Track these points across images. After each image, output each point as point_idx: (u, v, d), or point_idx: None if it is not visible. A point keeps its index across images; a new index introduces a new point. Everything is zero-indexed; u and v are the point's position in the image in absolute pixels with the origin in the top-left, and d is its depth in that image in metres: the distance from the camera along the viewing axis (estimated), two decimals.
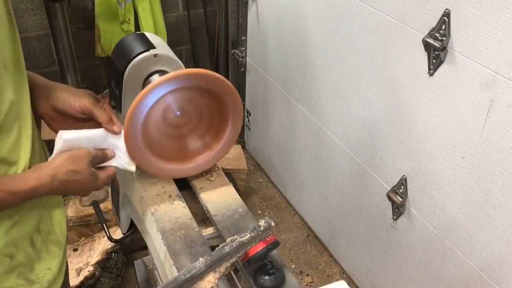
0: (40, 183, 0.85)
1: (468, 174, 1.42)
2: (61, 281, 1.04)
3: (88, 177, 0.92)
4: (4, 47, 0.83)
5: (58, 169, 0.88)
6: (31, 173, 0.86)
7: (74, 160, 0.90)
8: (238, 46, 2.64)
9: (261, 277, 0.94)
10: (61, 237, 1.04)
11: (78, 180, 0.90)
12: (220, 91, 1.04)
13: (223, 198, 1.13)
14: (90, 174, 0.92)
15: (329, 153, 2.08)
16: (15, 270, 0.91)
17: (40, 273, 0.96)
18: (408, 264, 1.78)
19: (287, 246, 2.36)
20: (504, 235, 1.37)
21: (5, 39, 0.84)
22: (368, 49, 1.67)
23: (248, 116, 2.79)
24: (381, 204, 1.83)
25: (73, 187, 0.91)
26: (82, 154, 0.92)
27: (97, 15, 2.32)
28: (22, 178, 0.84)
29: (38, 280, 0.95)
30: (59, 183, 0.87)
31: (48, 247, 0.99)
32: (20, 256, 0.91)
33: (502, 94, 1.25)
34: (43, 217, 0.98)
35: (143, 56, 1.11)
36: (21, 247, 0.91)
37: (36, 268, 0.96)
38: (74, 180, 0.89)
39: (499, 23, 1.21)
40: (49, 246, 1.00)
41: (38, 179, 0.85)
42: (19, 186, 0.83)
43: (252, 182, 2.74)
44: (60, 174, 0.87)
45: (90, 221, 2.09)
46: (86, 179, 0.92)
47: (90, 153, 0.93)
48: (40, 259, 0.97)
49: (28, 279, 0.94)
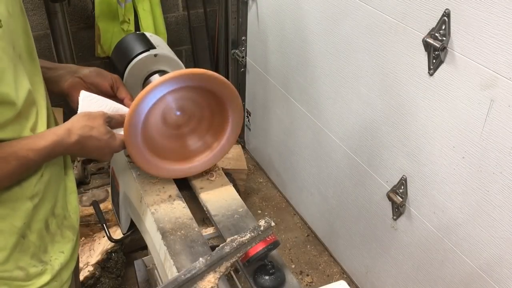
0: (58, 137, 0.89)
1: (468, 174, 1.42)
2: (73, 266, 1.06)
3: (104, 133, 0.95)
4: (19, 37, 0.86)
5: (74, 124, 0.92)
6: (48, 131, 0.90)
7: (90, 117, 0.94)
8: (238, 46, 2.64)
9: (261, 277, 0.94)
10: (76, 223, 1.07)
11: (94, 136, 0.93)
12: (220, 91, 1.04)
13: (223, 198, 1.13)
14: (107, 131, 0.95)
15: (329, 153, 2.08)
16: (29, 250, 0.94)
17: (54, 255, 0.99)
18: (408, 264, 1.78)
19: (287, 246, 2.36)
20: (504, 235, 1.37)
21: (19, 30, 0.86)
22: (368, 49, 1.67)
23: (248, 116, 2.79)
24: (381, 204, 1.83)
25: (90, 144, 0.94)
26: (97, 113, 0.96)
27: (97, 15, 2.32)
28: (40, 135, 0.88)
29: (50, 262, 0.98)
30: (76, 138, 0.91)
31: (63, 231, 1.02)
32: (33, 237, 0.94)
33: (502, 94, 1.25)
34: (59, 201, 1.00)
35: (143, 56, 1.11)
36: (35, 229, 0.94)
37: (49, 251, 0.99)
38: (91, 136, 0.93)
39: (499, 23, 1.21)
40: (64, 230, 1.02)
41: (55, 134, 0.89)
42: (39, 143, 0.86)
43: (252, 182, 2.74)
44: (76, 129, 0.91)
45: (90, 221, 2.09)
46: (102, 135, 0.94)
47: (105, 113, 0.97)
48: (54, 242, 1.00)
49: (41, 260, 0.97)
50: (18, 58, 0.84)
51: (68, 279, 1.04)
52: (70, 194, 1.05)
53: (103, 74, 1.07)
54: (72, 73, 1.06)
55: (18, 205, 0.89)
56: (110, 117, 0.98)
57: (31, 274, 0.94)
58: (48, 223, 0.97)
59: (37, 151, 0.86)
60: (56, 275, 0.99)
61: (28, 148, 0.85)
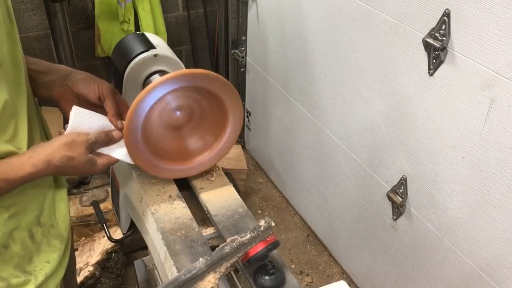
0: (36, 169, 0.85)
1: (468, 174, 1.42)
2: (61, 275, 1.03)
3: (84, 162, 0.92)
4: (1, 45, 0.83)
5: (53, 154, 0.88)
6: (26, 159, 0.86)
7: (71, 146, 0.90)
8: (238, 46, 2.64)
9: (261, 277, 0.94)
10: (64, 231, 1.04)
11: (73, 166, 0.90)
12: (220, 91, 1.04)
13: (223, 198, 1.13)
14: (87, 160, 0.92)
15: (329, 153, 2.08)
16: (12, 260, 0.91)
17: (39, 265, 0.97)
18: (408, 264, 1.78)
19: (287, 246, 2.36)
20: (504, 235, 1.37)
21: (2, 36, 0.83)
22: (368, 49, 1.67)
23: (248, 116, 2.79)
24: (381, 204, 1.83)
25: (69, 172, 0.91)
26: (80, 140, 0.92)
27: (97, 15, 2.32)
28: (17, 165, 0.84)
29: (34, 273, 0.95)
30: (54, 168, 0.88)
31: (50, 240, 1.00)
32: (16, 247, 0.92)
33: (502, 94, 1.25)
34: (46, 210, 0.98)
35: (143, 56, 1.11)
36: (18, 238, 0.92)
37: (34, 260, 0.96)
38: (69, 166, 0.90)
39: (499, 23, 1.21)
40: (51, 239, 1.00)
41: (33, 165, 0.85)
42: (14, 173, 0.83)
43: (252, 182, 2.74)
44: (56, 160, 0.88)
45: (90, 221, 2.09)
46: (83, 165, 0.92)
47: (88, 140, 0.93)
48: (39, 251, 0.97)
49: (25, 271, 0.94)
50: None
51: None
52: (59, 203, 1.03)
53: (90, 84, 1.01)
54: (62, 79, 1.02)
55: None
56: (94, 141, 0.94)
57: (12, 285, 0.92)
58: (32, 232, 0.95)
59: (12, 181, 0.84)
60: (40, 285, 0.96)
61: (2, 178, 0.82)
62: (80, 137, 0.92)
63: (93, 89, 1.01)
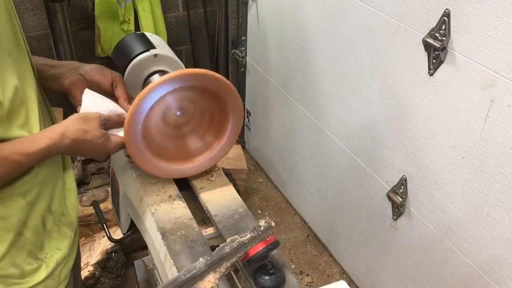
0: (51, 141, 0.88)
1: (468, 174, 1.42)
2: (71, 264, 1.06)
3: (98, 137, 0.94)
4: (8, 34, 0.85)
5: (68, 127, 0.91)
6: (41, 133, 0.89)
7: (85, 120, 0.93)
8: (238, 46, 2.64)
9: (261, 277, 0.94)
10: (75, 219, 1.07)
11: (88, 140, 0.93)
12: (220, 91, 1.04)
13: (223, 198, 1.13)
14: (101, 135, 0.95)
15: (329, 153, 2.08)
16: (25, 247, 0.94)
17: (50, 252, 0.99)
18: (408, 264, 1.78)
19: (287, 246, 2.36)
20: (504, 235, 1.37)
21: (6, 26, 0.85)
22: (368, 49, 1.67)
23: (248, 116, 2.80)
24: (381, 204, 1.83)
25: (84, 147, 0.93)
26: (93, 115, 0.96)
27: (97, 15, 2.32)
28: (33, 139, 0.88)
29: (45, 260, 0.98)
30: (70, 142, 0.90)
31: (61, 227, 1.02)
32: (29, 234, 0.94)
33: (502, 94, 1.25)
34: (56, 198, 1.00)
35: (143, 56, 1.11)
36: (31, 226, 0.94)
37: (46, 247, 0.99)
38: (84, 140, 0.92)
39: (499, 23, 1.21)
40: (62, 227, 1.02)
41: (49, 138, 0.88)
42: (31, 147, 0.86)
43: (252, 182, 2.74)
44: (70, 132, 0.91)
45: (90, 221, 2.09)
46: (97, 139, 0.94)
47: (101, 116, 0.96)
48: (50, 239, 0.99)
49: (37, 257, 0.97)
50: (8, 55, 0.84)
51: (66, 277, 1.04)
52: (69, 191, 1.05)
53: (104, 71, 1.06)
54: (73, 70, 1.05)
55: (10, 203, 0.89)
56: (107, 119, 0.98)
57: (25, 272, 0.94)
58: (44, 220, 0.97)
59: (29, 155, 0.86)
60: (52, 272, 0.99)
61: (20, 152, 0.84)
62: (92, 113, 0.96)
63: (107, 76, 1.05)
